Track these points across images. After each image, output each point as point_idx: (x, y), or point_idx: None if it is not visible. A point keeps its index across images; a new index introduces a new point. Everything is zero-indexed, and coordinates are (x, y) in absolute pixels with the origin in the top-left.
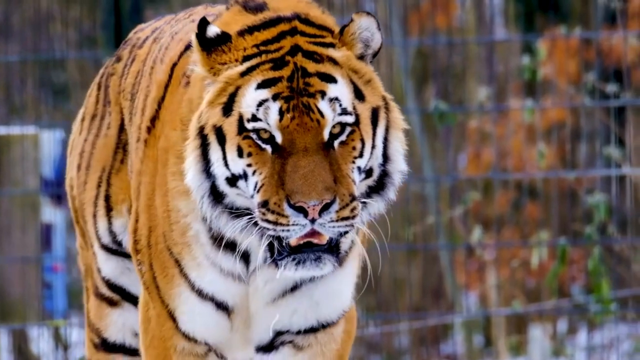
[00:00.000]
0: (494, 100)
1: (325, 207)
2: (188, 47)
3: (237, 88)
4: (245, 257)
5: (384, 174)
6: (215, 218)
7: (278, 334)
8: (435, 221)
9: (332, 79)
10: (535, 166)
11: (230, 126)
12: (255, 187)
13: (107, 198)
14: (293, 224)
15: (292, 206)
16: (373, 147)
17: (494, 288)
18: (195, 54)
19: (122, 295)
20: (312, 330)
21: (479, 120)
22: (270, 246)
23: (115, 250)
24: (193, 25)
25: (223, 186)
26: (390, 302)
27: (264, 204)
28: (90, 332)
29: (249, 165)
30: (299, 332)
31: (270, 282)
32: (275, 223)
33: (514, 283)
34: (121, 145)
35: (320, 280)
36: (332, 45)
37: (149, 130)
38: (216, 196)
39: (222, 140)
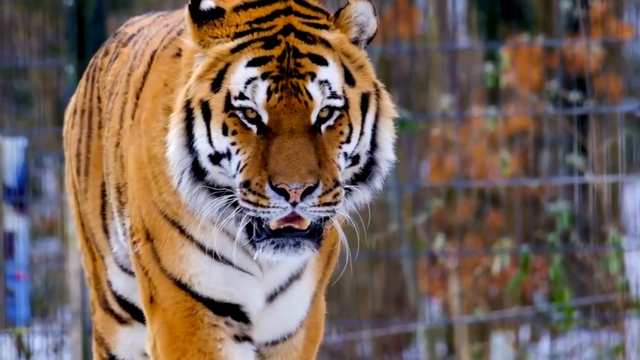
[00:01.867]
0: (456, 108)
1: (308, 191)
2: (170, 32)
3: (227, 64)
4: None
5: (371, 162)
6: (193, 195)
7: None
8: (398, 229)
9: (323, 61)
10: (498, 174)
11: (217, 102)
12: (238, 166)
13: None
14: (274, 206)
15: (273, 188)
16: (361, 133)
17: (457, 296)
18: (187, 26)
19: (132, 314)
20: (274, 343)
21: (441, 128)
22: (249, 227)
23: (125, 265)
24: (165, 30)
25: (205, 163)
26: (353, 310)
27: (246, 184)
28: (99, 347)
29: (233, 143)
30: (266, 344)
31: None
32: (256, 204)
33: (476, 291)
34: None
35: (289, 291)
36: (325, 27)
37: (136, 106)
38: (197, 172)
39: (207, 116)
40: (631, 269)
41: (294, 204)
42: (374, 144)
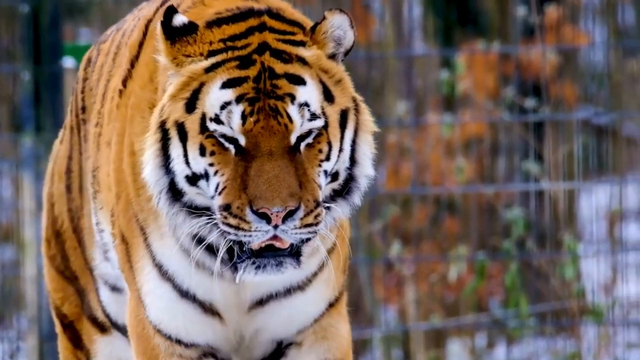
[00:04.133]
0: (412, 115)
1: (289, 214)
2: (163, 2)
3: (202, 84)
4: (211, 249)
5: (350, 178)
6: (172, 215)
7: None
8: (354, 236)
9: (301, 81)
10: (454, 181)
11: (192, 124)
12: (217, 188)
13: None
14: (255, 230)
15: (254, 212)
16: (340, 150)
17: (413, 302)
18: (160, 43)
19: (111, 322)
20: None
21: (397, 134)
22: (230, 249)
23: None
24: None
25: (182, 184)
26: None
27: (226, 208)
28: (79, 352)
29: (211, 164)
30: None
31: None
32: (237, 228)
33: (432, 297)
34: None
35: (291, 299)
36: (302, 43)
37: (121, 93)
38: (175, 193)
39: (183, 137)
40: (587, 275)
41: (275, 227)
42: (352, 160)
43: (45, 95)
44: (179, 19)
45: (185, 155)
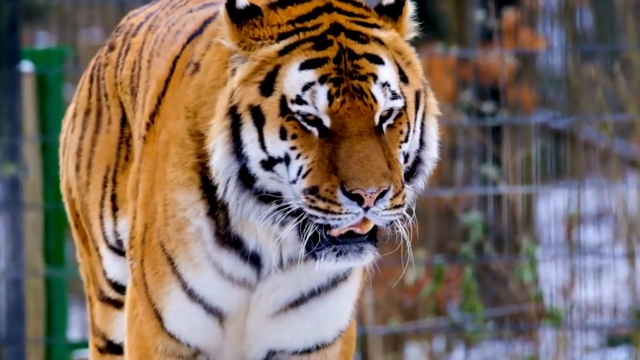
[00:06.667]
0: None
1: (381, 195)
2: (190, 39)
3: (277, 67)
4: (255, 260)
5: (417, 161)
6: (240, 203)
7: (271, 352)
8: None
9: (380, 61)
10: None
11: (270, 107)
12: (300, 171)
13: (114, 197)
14: (346, 212)
15: (346, 193)
16: (414, 131)
17: (371, 306)
18: (224, 27)
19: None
20: (307, 351)
21: None
22: (304, 234)
23: (121, 250)
24: (190, 16)
25: (256, 169)
26: None
27: (313, 190)
28: (95, 337)
29: (293, 148)
30: (294, 353)
31: (277, 289)
32: (326, 211)
33: (390, 301)
34: (124, 141)
35: (325, 295)
36: (376, 25)
37: (148, 126)
38: (245, 180)
39: (259, 120)
40: (545, 279)
41: (366, 209)
42: (422, 143)
43: (4, 100)
44: (242, 1)
45: (261, 139)
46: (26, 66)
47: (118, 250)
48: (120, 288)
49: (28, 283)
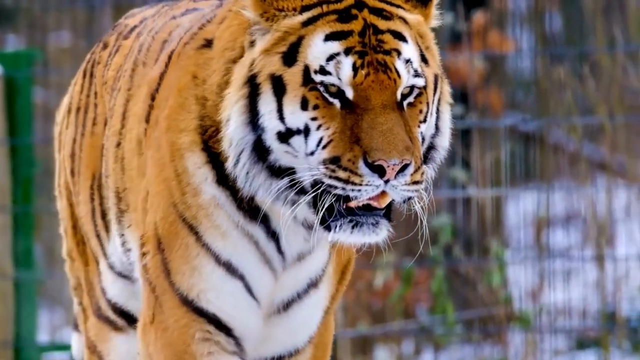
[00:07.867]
0: None
1: (402, 169)
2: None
3: (300, 38)
4: (278, 243)
5: (431, 147)
6: (250, 177)
7: None
8: None
9: (403, 38)
10: None
11: (293, 76)
12: (319, 143)
13: (104, 215)
14: (366, 184)
15: (368, 165)
16: (431, 114)
17: (340, 309)
18: None
19: (128, 321)
20: (280, 358)
21: None
22: (321, 206)
23: (122, 273)
24: (174, 23)
25: (271, 141)
26: None
27: (334, 160)
28: (92, 354)
29: (314, 118)
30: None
31: (282, 288)
32: (347, 181)
33: (359, 304)
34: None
35: (305, 299)
36: (400, 7)
37: (146, 131)
38: (259, 152)
39: (280, 90)
40: (514, 282)
41: (386, 182)
42: (436, 128)
43: None
44: None
45: (280, 110)
46: None
47: (119, 273)
48: (119, 311)
49: None
